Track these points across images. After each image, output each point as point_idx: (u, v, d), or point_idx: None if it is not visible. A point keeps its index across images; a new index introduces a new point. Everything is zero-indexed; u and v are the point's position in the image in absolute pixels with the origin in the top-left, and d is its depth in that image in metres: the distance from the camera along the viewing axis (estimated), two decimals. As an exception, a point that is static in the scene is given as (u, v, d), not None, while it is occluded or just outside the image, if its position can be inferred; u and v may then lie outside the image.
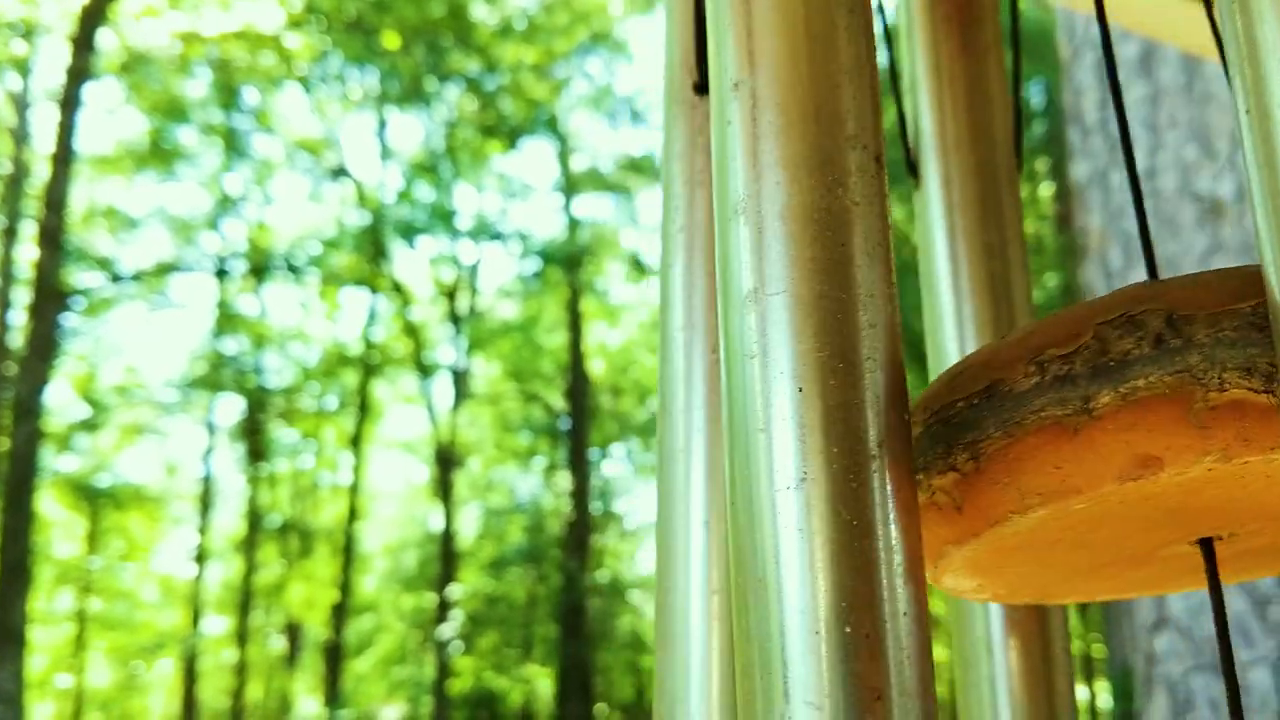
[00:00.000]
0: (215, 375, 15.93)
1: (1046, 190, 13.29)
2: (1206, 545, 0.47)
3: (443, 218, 16.10)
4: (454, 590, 15.42)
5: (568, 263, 15.99)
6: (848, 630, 0.36)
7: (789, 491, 0.37)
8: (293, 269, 15.81)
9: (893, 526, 0.37)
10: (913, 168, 0.80)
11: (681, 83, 0.65)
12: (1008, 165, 0.81)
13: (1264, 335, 0.38)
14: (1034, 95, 12.49)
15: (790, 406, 0.38)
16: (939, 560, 0.45)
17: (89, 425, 14.76)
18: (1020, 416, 0.40)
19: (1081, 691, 16.09)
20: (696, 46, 0.65)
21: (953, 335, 0.71)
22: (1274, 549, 0.49)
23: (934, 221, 0.77)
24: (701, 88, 0.64)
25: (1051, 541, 0.44)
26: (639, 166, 16.36)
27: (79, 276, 13.41)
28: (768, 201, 0.40)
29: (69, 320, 13.23)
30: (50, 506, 14.82)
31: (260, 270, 15.86)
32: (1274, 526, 0.46)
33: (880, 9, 0.86)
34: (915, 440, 0.43)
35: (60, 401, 14.19)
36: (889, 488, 0.37)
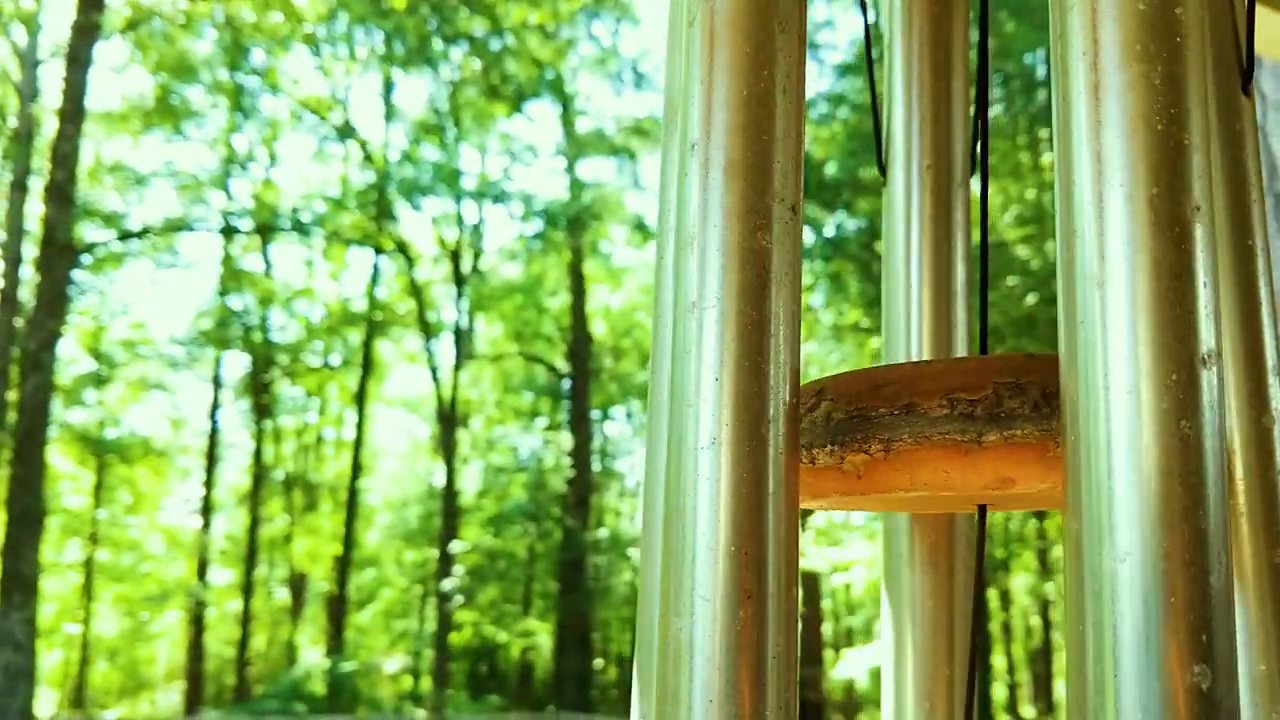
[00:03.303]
0: (221, 332, 16.04)
1: (1048, 159, 13.33)
2: (981, 510, 0.67)
3: (447, 178, 16.14)
4: (455, 545, 15.60)
5: (571, 225, 16.04)
6: (733, 549, 0.50)
7: (703, 450, 0.51)
8: (298, 227, 15.87)
9: (777, 480, 0.52)
10: (882, 169, 0.93)
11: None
12: (963, 170, 0.93)
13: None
14: (1040, 65, 12.52)
15: (710, 391, 0.52)
16: (827, 498, 0.63)
17: (97, 379, 14.89)
18: (930, 433, 0.56)
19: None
20: None
21: (901, 311, 0.87)
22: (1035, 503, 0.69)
23: (895, 215, 0.90)
24: None
25: (899, 500, 0.63)
26: (643, 129, 16.34)
27: (88, 232, 13.49)
28: (710, 238, 0.54)
29: (78, 275, 13.34)
30: (59, 459, 14.97)
31: (266, 228, 15.92)
32: (1031, 499, 0.65)
33: (866, 33, 1.02)
34: (840, 421, 0.60)
35: (69, 355, 14.34)
36: (776, 451, 0.52)
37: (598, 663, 18.19)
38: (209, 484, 17.14)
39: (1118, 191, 0.47)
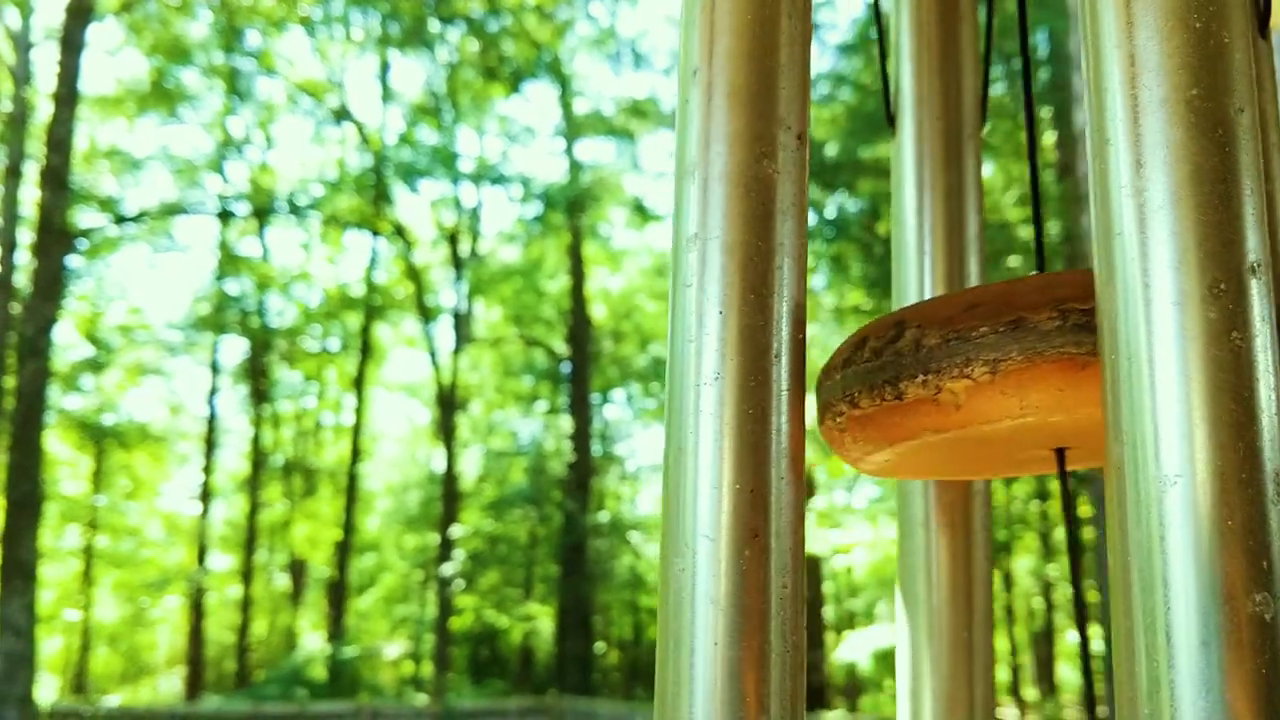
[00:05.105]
0: (219, 316, 15.99)
1: (1049, 139, 13.25)
2: (1059, 453, 0.62)
3: (444, 161, 16.04)
4: (456, 530, 15.58)
5: (570, 207, 15.95)
6: (738, 487, 0.49)
7: (705, 386, 0.50)
8: (295, 211, 15.79)
9: (782, 416, 0.50)
10: (891, 119, 0.90)
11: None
12: (973, 120, 0.90)
13: None
14: (1039, 43, 12.42)
15: (713, 325, 0.50)
16: (918, 438, 0.57)
17: (94, 365, 14.84)
18: (1042, 348, 0.52)
19: (1073, 636, 16.31)
20: None
21: (914, 263, 0.83)
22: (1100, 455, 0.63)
23: (905, 166, 0.87)
24: None
25: (982, 439, 0.57)
26: (642, 110, 16.24)
27: (83, 217, 13.40)
28: (712, 166, 0.52)
29: (74, 260, 13.25)
30: (57, 445, 14.94)
31: (263, 212, 15.85)
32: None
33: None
34: (933, 347, 0.56)
35: (66, 341, 14.28)
36: (781, 387, 0.51)
37: (599, 646, 18.20)
38: (208, 469, 17.13)
39: (1153, 94, 0.44)
